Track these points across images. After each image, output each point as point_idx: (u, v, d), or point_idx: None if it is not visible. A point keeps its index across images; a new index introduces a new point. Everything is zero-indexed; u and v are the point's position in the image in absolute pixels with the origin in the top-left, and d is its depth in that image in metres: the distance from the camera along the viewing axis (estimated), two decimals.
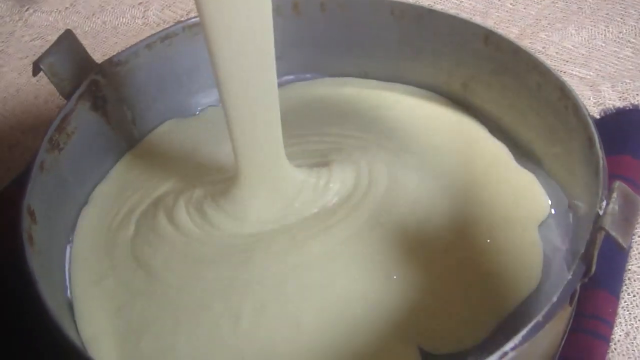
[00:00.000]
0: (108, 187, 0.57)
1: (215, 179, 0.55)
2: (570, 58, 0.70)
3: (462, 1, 0.78)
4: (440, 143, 0.59)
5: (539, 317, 0.39)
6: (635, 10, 0.74)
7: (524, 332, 0.39)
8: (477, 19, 0.73)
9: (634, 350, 0.49)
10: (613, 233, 0.40)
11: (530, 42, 0.72)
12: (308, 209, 0.53)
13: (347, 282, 0.49)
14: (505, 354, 0.38)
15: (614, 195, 0.41)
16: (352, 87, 0.64)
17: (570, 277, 0.41)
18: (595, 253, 0.41)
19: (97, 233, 0.54)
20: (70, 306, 0.50)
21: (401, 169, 0.56)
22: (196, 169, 0.58)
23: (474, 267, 0.50)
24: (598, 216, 0.41)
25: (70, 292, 0.51)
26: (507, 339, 0.39)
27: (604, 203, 0.41)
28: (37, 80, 0.71)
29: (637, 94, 0.64)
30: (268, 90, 0.48)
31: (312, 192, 0.53)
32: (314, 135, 0.59)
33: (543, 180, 0.55)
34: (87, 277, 0.51)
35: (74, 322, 0.49)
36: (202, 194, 0.54)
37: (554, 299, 0.40)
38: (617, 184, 0.41)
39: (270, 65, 0.47)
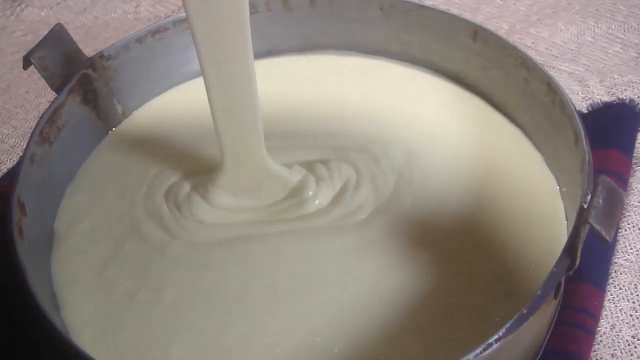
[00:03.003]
0: (92, 170, 0.58)
1: (196, 164, 0.56)
2: (560, 53, 0.71)
3: None
4: (454, 128, 0.58)
5: (523, 310, 0.40)
6: (624, 6, 0.75)
7: (508, 324, 0.39)
8: (467, 15, 0.74)
9: (619, 342, 0.50)
10: (597, 226, 0.40)
11: (519, 38, 0.72)
12: (290, 208, 0.53)
13: (358, 280, 0.49)
14: (490, 345, 0.39)
15: (599, 189, 0.41)
16: (358, 58, 0.65)
17: (554, 269, 0.41)
18: (580, 246, 0.41)
19: (84, 229, 0.54)
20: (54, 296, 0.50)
21: (411, 158, 0.56)
22: (181, 152, 0.58)
23: (492, 260, 0.50)
24: (582, 210, 0.41)
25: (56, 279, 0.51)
26: None
27: (589, 197, 0.42)
28: (29, 75, 0.72)
29: (625, 89, 0.65)
30: (245, 79, 0.48)
31: (293, 192, 0.53)
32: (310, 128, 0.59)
33: None
34: (73, 271, 0.51)
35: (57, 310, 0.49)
36: (187, 183, 0.55)
37: (538, 291, 0.40)
38: (602, 178, 0.42)
39: (246, 52, 0.47)
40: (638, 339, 0.50)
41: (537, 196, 0.53)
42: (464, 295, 0.47)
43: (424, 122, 0.59)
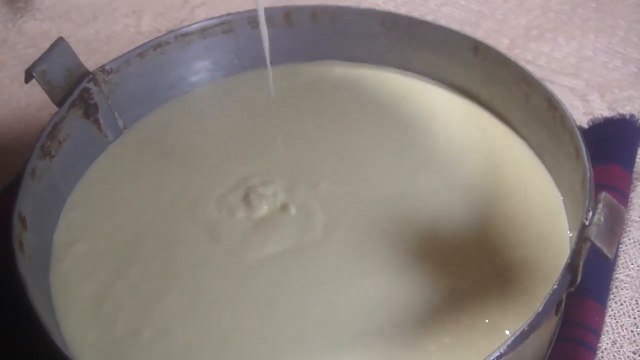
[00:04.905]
0: (92, 183, 0.57)
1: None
2: (560, 68, 0.71)
3: (453, 12, 0.78)
4: (459, 139, 0.58)
5: (524, 326, 0.40)
6: (624, 21, 0.75)
7: (509, 340, 0.39)
8: (468, 30, 0.74)
9: (620, 358, 0.50)
10: (598, 243, 0.40)
11: (520, 52, 0.72)
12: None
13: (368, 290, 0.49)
14: None
15: (600, 206, 0.41)
16: (369, 69, 0.64)
17: (555, 286, 0.41)
18: (581, 263, 0.41)
19: (81, 248, 0.53)
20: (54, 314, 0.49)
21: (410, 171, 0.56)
22: (182, 166, 0.58)
23: (498, 272, 0.49)
24: (584, 226, 0.41)
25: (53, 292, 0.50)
26: None
27: (590, 214, 0.42)
28: (30, 88, 0.71)
29: (626, 104, 0.65)
30: None
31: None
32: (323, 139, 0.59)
33: None
34: (71, 294, 0.50)
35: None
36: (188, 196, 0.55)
37: (539, 308, 0.40)
38: (603, 194, 0.42)
39: None
40: (639, 355, 0.50)
41: (543, 209, 0.53)
42: (471, 311, 0.47)
43: (428, 131, 0.58)
